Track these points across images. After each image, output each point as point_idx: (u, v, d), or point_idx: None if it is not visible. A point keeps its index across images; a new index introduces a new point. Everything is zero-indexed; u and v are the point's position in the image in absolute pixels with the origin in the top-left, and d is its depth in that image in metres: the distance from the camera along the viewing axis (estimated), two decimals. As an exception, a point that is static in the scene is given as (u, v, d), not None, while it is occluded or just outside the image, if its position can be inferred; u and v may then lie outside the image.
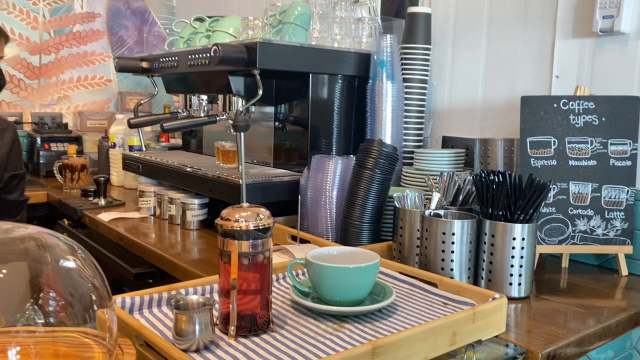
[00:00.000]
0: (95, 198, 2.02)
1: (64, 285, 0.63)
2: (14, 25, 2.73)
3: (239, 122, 0.88)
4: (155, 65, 1.91)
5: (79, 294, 0.63)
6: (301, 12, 1.53)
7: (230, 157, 1.70)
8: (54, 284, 0.62)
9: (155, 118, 1.94)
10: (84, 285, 0.64)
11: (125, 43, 3.08)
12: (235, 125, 0.89)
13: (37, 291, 0.61)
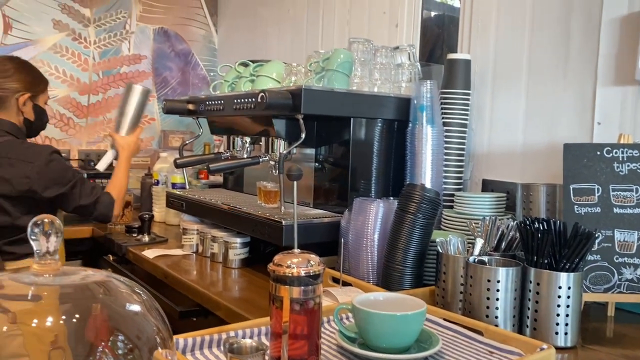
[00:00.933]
0: (139, 234, 2.09)
1: (132, 329, 0.66)
2: (66, 67, 2.88)
3: (293, 172, 0.92)
4: (201, 108, 1.98)
5: (145, 337, 0.66)
6: (344, 59, 1.58)
7: (272, 197, 1.74)
8: (122, 327, 0.66)
9: (200, 158, 2.01)
10: (150, 328, 0.67)
11: (169, 84, 3.21)
12: (289, 174, 0.93)
13: (107, 335, 0.64)
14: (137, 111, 2.14)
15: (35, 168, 1.76)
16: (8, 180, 1.74)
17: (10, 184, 1.74)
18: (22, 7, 2.74)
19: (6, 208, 1.76)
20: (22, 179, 1.74)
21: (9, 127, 1.85)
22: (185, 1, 3.21)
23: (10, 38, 2.72)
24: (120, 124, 2.13)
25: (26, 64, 1.96)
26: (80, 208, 1.88)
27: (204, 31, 3.29)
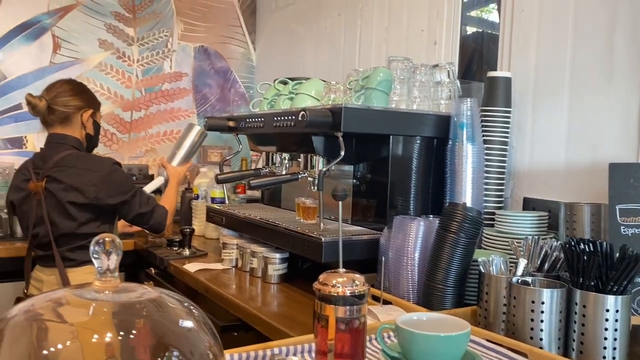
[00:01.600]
0: (180, 248, 2.13)
1: (186, 345, 0.68)
2: (111, 85, 2.98)
3: (338, 192, 0.93)
4: (242, 125, 2.03)
5: (198, 353, 0.68)
6: (383, 77, 1.60)
7: (311, 213, 1.76)
8: (177, 343, 0.68)
9: (241, 174, 2.05)
10: (202, 344, 0.69)
11: (209, 100, 3.28)
12: (334, 194, 0.94)
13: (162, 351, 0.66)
14: (192, 148, 2.33)
15: (101, 176, 1.85)
16: (76, 188, 1.83)
17: (78, 191, 1.83)
18: (71, 27, 2.85)
19: (73, 214, 1.84)
20: (89, 187, 1.83)
21: (74, 142, 1.95)
22: (225, 20, 3.29)
23: (58, 57, 2.84)
24: (175, 155, 2.31)
25: (83, 85, 2.07)
26: (139, 216, 1.97)
27: (243, 49, 3.36)
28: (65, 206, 1.84)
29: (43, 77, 2.80)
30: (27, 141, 2.79)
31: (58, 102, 1.93)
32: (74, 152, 1.92)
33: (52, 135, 1.96)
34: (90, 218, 1.88)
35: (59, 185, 1.85)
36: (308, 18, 2.85)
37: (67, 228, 1.87)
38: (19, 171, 2.01)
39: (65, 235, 1.87)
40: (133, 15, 3.01)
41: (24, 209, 1.94)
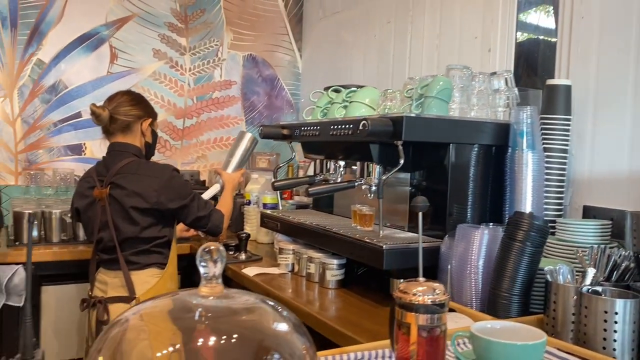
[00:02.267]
0: (236, 252, 2.19)
1: (285, 347, 0.72)
2: (164, 93, 3.08)
3: (419, 204, 0.96)
4: (296, 133, 2.07)
5: (297, 355, 0.72)
6: (443, 86, 1.61)
7: (367, 220, 1.79)
8: (277, 347, 0.72)
9: (296, 181, 2.10)
10: (299, 347, 0.73)
11: (256, 107, 3.35)
12: (414, 205, 0.97)
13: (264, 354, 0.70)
14: (244, 155, 2.37)
15: (161, 182, 1.93)
16: (139, 193, 1.91)
17: (140, 196, 1.90)
18: (127, 38, 2.96)
19: (136, 219, 1.91)
20: (150, 192, 1.90)
21: (135, 150, 2.03)
22: (273, 28, 3.35)
23: (115, 67, 2.95)
24: (229, 163, 2.36)
25: (142, 96, 2.15)
26: (197, 219, 2.03)
27: (289, 57, 3.42)
28: (128, 211, 1.92)
29: (101, 86, 2.91)
30: (86, 148, 2.91)
31: (119, 112, 2.00)
32: (135, 160, 2.00)
33: (114, 144, 2.04)
34: (152, 222, 1.96)
35: (122, 192, 1.93)
36: (356, 26, 2.89)
37: (130, 232, 1.94)
38: (83, 179, 2.09)
39: (128, 240, 1.95)
40: (185, 25, 3.10)
41: (89, 215, 2.03)
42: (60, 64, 2.82)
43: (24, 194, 2.69)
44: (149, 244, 1.96)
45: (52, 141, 2.83)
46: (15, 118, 2.75)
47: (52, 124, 2.82)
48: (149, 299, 0.77)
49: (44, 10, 2.76)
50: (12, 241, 2.32)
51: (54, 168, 2.80)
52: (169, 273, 2.01)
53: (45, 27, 2.77)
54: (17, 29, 2.71)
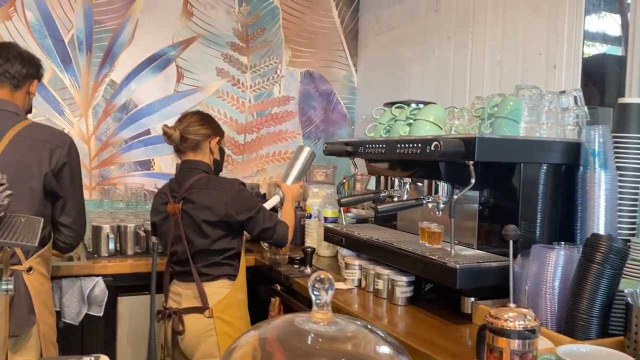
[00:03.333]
0: (301, 266, 2.25)
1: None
2: (227, 110, 3.20)
3: (510, 232, 0.99)
4: (361, 150, 2.12)
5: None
6: (513, 106, 1.63)
7: (436, 238, 1.81)
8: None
9: (362, 198, 2.14)
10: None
11: (313, 122, 3.43)
12: (506, 234, 1.00)
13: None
14: (303, 167, 2.43)
15: (230, 196, 2.02)
16: (209, 207, 2.00)
17: (210, 210, 2.00)
18: (192, 58, 3.09)
19: (207, 232, 2.01)
20: (219, 205, 2.00)
21: (204, 167, 2.13)
22: (329, 44, 3.43)
23: (182, 86, 3.09)
24: (288, 175, 2.43)
25: (210, 115, 2.25)
26: (264, 231, 2.11)
27: (345, 71, 3.48)
28: (199, 225, 2.01)
29: (168, 104, 3.05)
30: (154, 163, 3.05)
31: (189, 132, 2.11)
32: (204, 176, 2.09)
33: (185, 162, 2.14)
34: (222, 235, 2.04)
35: (193, 206, 2.02)
36: (414, 41, 2.92)
37: (202, 245, 2.03)
38: (157, 195, 2.20)
39: (200, 252, 2.04)
40: (247, 44, 3.21)
41: (163, 229, 2.13)
42: (130, 83, 2.97)
43: (98, 207, 2.85)
44: (219, 255, 2.05)
45: (123, 157, 2.98)
46: (90, 136, 2.91)
47: (123, 141, 2.98)
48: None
49: (116, 34, 2.92)
50: (90, 253, 2.46)
51: (125, 183, 2.95)
52: (238, 284, 2.10)
53: (117, 50, 2.93)
54: (92, 52, 2.88)
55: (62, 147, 1.83)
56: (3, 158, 1.74)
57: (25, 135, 1.78)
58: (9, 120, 1.80)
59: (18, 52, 1.89)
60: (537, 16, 2.15)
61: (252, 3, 3.21)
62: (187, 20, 3.06)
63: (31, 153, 1.77)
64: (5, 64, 1.84)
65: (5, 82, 1.85)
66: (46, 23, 2.79)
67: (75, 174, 1.93)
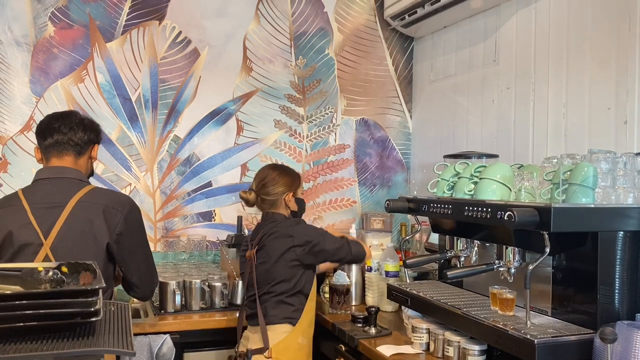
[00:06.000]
0: (365, 325, 2.23)
1: None
2: (284, 160, 3.25)
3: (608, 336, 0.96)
4: (424, 209, 2.10)
5: None
6: (588, 173, 1.59)
7: (508, 305, 1.77)
8: None
9: (428, 259, 2.12)
10: None
11: (369, 169, 3.44)
12: (603, 338, 0.97)
13: None
14: None
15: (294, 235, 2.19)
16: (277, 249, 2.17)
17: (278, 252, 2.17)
18: (251, 111, 3.18)
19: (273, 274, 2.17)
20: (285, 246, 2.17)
21: (281, 218, 2.28)
22: (383, 92, 3.46)
23: (242, 138, 3.17)
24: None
25: (284, 168, 2.39)
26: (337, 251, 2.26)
27: (400, 118, 3.50)
28: (268, 268, 2.17)
29: (229, 157, 3.14)
30: (216, 214, 3.12)
31: (263, 192, 2.28)
32: (279, 222, 2.24)
33: (265, 214, 2.32)
34: (288, 276, 2.17)
35: (263, 250, 2.19)
36: (471, 90, 2.91)
37: (268, 287, 2.17)
38: (243, 243, 2.38)
39: (266, 294, 2.18)
40: (303, 96, 3.28)
41: (243, 274, 2.32)
42: (193, 138, 3.07)
43: (163, 259, 2.92)
44: (284, 294, 2.17)
45: (186, 209, 3.07)
46: (155, 190, 3.01)
47: (186, 193, 3.07)
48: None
49: (179, 91, 3.04)
50: (157, 309, 2.52)
51: (188, 234, 3.02)
52: (300, 328, 2.18)
53: (180, 106, 3.04)
54: (157, 109, 3.01)
55: (122, 212, 1.89)
56: (66, 225, 1.81)
57: (87, 201, 1.85)
58: (73, 187, 1.89)
59: (80, 119, 2.00)
60: (604, 70, 2.11)
61: (308, 56, 3.29)
62: (246, 76, 3.16)
63: (92, 219, 1.84)
64: (69, 133, 1.94)
65: (69, 150, 1.94)
66: (115, 83, 2.93)
67: (136, 235, 1.98)
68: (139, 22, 2.97)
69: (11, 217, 1.83)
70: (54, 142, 1.92)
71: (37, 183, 1.91)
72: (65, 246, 1.81)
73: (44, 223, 1.81)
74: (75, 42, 2.88)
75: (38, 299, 0.90)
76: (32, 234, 1.80)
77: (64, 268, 1.03)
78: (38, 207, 1.83)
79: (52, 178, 1.91)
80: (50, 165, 1.94)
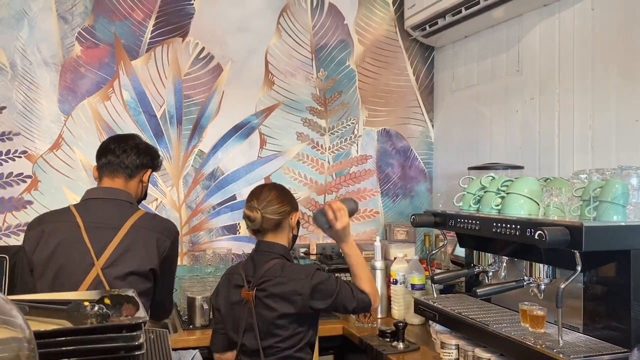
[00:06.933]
0: (392, 340, 2.24)
1: None
2: (307, 172, 3.27)
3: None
4: (451, 223, 2.10)
5: None
6: (620, 191, 1.58)
7: (539, 322, 1.76)
8: None
9: (455, 274, 2.12)
10: None
11: (391, 179, 3.44)
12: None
13: None
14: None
15: (306, 285, 1.89)
16: (284, 298, 1.89)
17: (286, 302, 1.89)
18: (274, 124, 3.21)
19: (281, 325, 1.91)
20: (295, 297, 1.89)
21: (280, 250, 2.01)
22: (404, 102, 3.46)
23: (264, 151, 3.20)
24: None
25: (283, 187, 2.13)
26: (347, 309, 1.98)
27: (422, 127, 3.49)
28: (273, 317, 1.90)
29: (252, 170, 3.17)
30: (240, 227, 3.15)
31: (268, 211, 1.99)
32: (279, 262, 1.96)
33: (261, 243, 2.03)
34: (297, 327, 1.93)
35: (266, 294, 1.91)
36: (494, 99, 2.90)
37: (275, 338, 1.91)
38: (230, 274, 2.08)
39: (272, 347, 1.92)
40: (325, 108, 3.30)
41: (235, 314, 2.00)
42: (217, 152, 3.11)
43: (189, 272, 2.96)
44: (292, 349, 1.93)
45: (211, 223, 3.10)
46: (181, 204, 3.06)
47: (211, 207, 3.10)
48: None
49: (203, 106, 3.08)
50: (185, 323, 2.55)
51: (213, 248, 3.06)
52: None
53: (204, 121, 3.08)
54: (182, 125, 3.05)
55: (169, 239, 1.96)
56: (119, 247, 1.87)
57: (140, 226, 1.91)
58: (124, 210, 1.94)
59: (135, 143, 2.05)
60: (631, 80, 2.09)
61: (329, 68, 3.30)
62: (268, 90, 3.19)
63: (145, 244, 1.91)
64: (122, 155, 2.00)
65: (120, 172, 2.01)
66: (140, 100, 2.98)
67: (174, 261, 2.07)
68: (162, 40, 3.02)
69: (65, 233, 1.88)
70: (107, 162, 2.00)
71: (88, 202, 1.97)
72: (116, 268, 1.85)
73: (97, 243, 1.86)
74: (101, 61, 2.93)
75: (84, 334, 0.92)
76: (84, 253, 1.84)
77: (106, 300, 1.05)
78: (92, 226, 1.88)
79: (104, 198, 1.97)
80: (103, 185, 2.01)
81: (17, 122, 2.83)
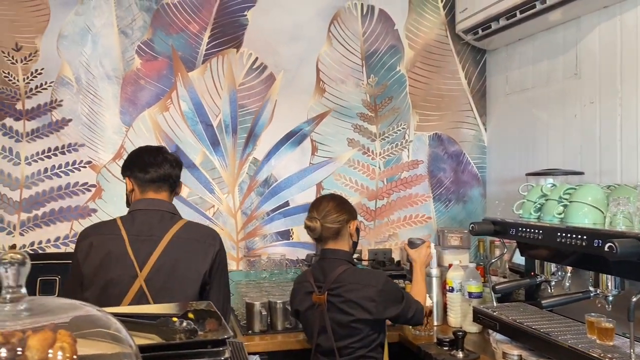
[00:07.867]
0: (451, 348, 2.22)
1: None
2: (358, 178, 3.29)
3: None
4: (512, 232, 2.08)
5: None
6: (694, 201, 1.53)
7: (608, 334, 1.72)
8: None
9: (517, 284, 2.10)
10: None
11: (443, 184, 3.42)
12: None
13: None
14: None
15: (377, 292, 2.05)
16: (357, 303, 2.03)
17: (359, 306, 2.02)
18: (325, 131, 3.24)
19: (354, 327, 2.04)
20: (368, 303, 2.03)
21: (345, 256, 2.17)
22: (456, 106, 3.43)
23: (316, 158, 3.24)
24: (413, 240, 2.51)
25: (342, 197, 2.31)
26: (407, 320, 2.18)
27: (474, 131, 3.46)
28: (347, 320, 2.05)
29: (304, 176, 3.21)
30: (293, 233, 3.20)
31: (328, 220, 2.15)
32: (349, 268, 2.13)
33: (326, 251, 2.18)
34: (369, 330, 2.07)
35: (339, 300, 2.06)
36: (551, 103, 2.84)
37: (349, 339, 2.06)
38: (300, 283, 2.25)
39: (346, 347, 2.07)
40: (375, 114, 3.31)
41: (308, 319, 2.18)
42: (271, 160, 3.17)
43: (245, 277, 3.02)
44: (365, 349, 2.07)
45: (265, 229, 3.16)
46: (237, 211, 3.13)
47: (265, 213, 3.16)
48: None
49: (257, 115, 3.15)
50: (244, 328, 2.61)
51: (268, 253, 3.12)
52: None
53: (258, 130, 3.15)
54: (237, 133, 3.12)
55: (215, 245, 1.99)
56: (162, 258, 1.90)
57: (182, 235, 1.95)
58: (168, 220, 1.99)
59: (174, 158, 2.10)
60: (701, 84, 2.02)
61: (380, 74, 3.31)
62: (320, 97, 3.22)
63: (188, 253, 1.93)
64: (169, 169, 2.04)
65: (166, 185, 2.04)
66: (197, 111, 3.07)
67: (223, 265, 2.07)
68: (217, 51, 3.10)
69: (112, 245, 1.93)
70: (156, 176, 2.01)
71: (134, 214, 2.01)
72: (160, 279, 1.88)
73: (140, 254, 1.90)
74: (160, 73, 3.04)
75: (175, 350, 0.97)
76: (128, 265, 1.89)
77: (190, 315, 1.10)
78: (135, 238, 1.93)
79: (149, 210, 2.01)
80: (147, 197, 2.03)
81: (82, 134, 2.96)
